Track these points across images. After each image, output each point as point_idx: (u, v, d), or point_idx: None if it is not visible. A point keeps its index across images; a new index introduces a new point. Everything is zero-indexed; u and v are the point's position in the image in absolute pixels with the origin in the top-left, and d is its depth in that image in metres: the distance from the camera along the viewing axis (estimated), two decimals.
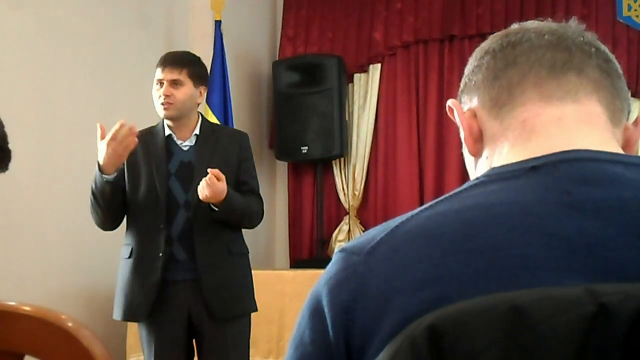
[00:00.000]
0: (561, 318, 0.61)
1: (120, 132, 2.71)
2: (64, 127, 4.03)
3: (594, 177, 0.75)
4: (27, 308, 0.85)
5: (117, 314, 2.97)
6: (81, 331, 0.82)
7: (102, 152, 2.75)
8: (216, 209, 2.87)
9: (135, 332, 3.93)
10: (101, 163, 2.77)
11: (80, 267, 4.08)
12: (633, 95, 4.90)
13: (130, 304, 2.91)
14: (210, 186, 2.78)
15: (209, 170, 2.80)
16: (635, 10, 4.93)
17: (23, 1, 3.84)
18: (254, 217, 3.04)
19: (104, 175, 2.78)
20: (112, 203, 2.87)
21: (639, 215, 0.72)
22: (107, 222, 2.96)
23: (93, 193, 2.84)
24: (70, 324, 0.83)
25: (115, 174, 2.80)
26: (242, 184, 3.02)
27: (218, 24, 5.01)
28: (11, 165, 2.02)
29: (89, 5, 4.24)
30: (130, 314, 2.95)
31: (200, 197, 2.81)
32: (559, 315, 0.61)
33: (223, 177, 2.81)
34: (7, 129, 2.00)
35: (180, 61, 2.98)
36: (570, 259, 0.70)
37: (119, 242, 3.07)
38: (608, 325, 0.60)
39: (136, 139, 2.75)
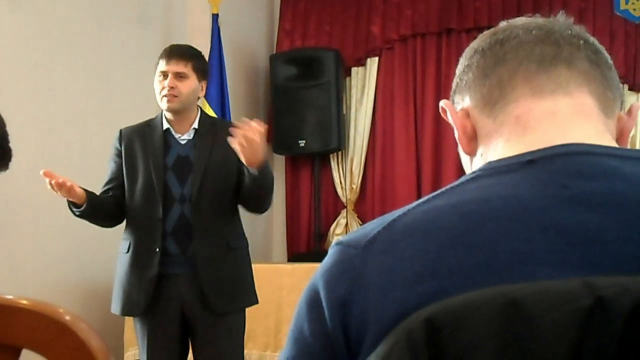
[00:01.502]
0: (558, 311, 0.61)
1: (56, 185, 2.70)
2: (63, 123, 4.02)
3: (591, 171, 0.76)
4: (24, 302, 0.85)
5: (116, 308, 2.98)
6: (78, 325, 0.82)
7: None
8: (256, 174, 2.75)
9: (132, 326, 3.93)
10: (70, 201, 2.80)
11: (78, 261, 4.08)
12: (630, 89, 4.90)
13: (128, 299, 2.92)
14: (250, 143, 2.63)
15: (238, 128, 2.63)
16: (633, 3, 4.93)
17: (22, 0, 3.83)
18: (271, 194, 2.94)
19: (73, 210, 2.83)
20: (99, 217, 2.94)
21: (635, 208, 0.72)
22: (106, 225, 3.04)
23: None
24: (67, 318, 0.82)
25: (85, 203, 2.78)
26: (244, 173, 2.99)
27: (215, 17, 5.00)
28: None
29: (87, 1, 4.23)
30: (128, 309, 2.96)
31: (245, 160, 2.69)
32: (556, 308, 0.61)
33: (261, 130, 2.64)
34: (7, 127, 2.00)
35: (185, 54, 2.97)
36: (567, 252, 0.70)
37: (117, 236, 3.06)
38: (605, 319, 0.60)
39: (71, 186, 2.71)
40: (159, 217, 2.88)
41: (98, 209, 2.87)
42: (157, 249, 2.86)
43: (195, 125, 2.99)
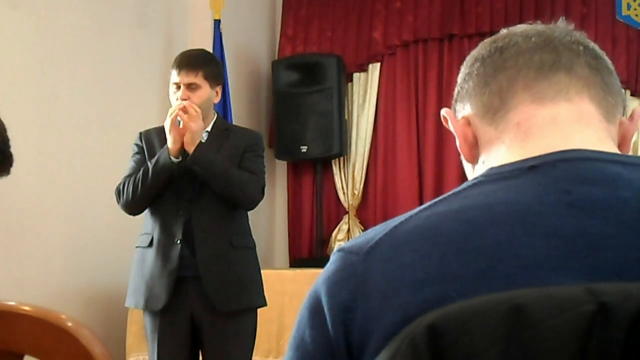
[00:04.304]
0: (561, 317, 0.61)
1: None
2: (64, 126, 4.02)
3: (593, 177, 0.76)
4: (26, 308, 0.85)
5: (138, 303, 2.96)
6: (81, 331, 0.82)
7: (169, 137, 2.86)
8: (196, 169, 2.86)
9: (134, 332, 3.93)
10: (170, 147, 2.85)
11: (80, 267, 4.07)
12: (633, 94, 4.91)
13: (150, 293, 2.91)
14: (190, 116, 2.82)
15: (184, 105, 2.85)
16: (635, 9, 4.93)
17: (22, 1, 3.83)
18: (243, 185, 2.93)
19: (171, 157, 2.84)
20: (160, 185, 2.90)
21: (637, 214, 0.72)
22: (143, 201, 2.95)
23: (144, 173, 2.87)
24: (69, 324, 0.82)
25: (180, 158, 2.86)
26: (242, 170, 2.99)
27: (217, 23, 5.01)
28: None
29: (89, 5, 4.24)
30: (150, 303, 2.93)
31: (186, 142, 2.84)
32: (559, 314, 0.61)
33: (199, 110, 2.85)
34: (8, 131, 2.00)
35: (195, 63, 2.96)
36: (570, 258, 0.70)
37: (119, 241, 3.07)
38: (608, 325, 0.60)
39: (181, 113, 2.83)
40: (179, 210, 2.90)
41: (169, 177, 2.90)
42: (178, 241, 2.88)
43: (209, 128, 3.01)
